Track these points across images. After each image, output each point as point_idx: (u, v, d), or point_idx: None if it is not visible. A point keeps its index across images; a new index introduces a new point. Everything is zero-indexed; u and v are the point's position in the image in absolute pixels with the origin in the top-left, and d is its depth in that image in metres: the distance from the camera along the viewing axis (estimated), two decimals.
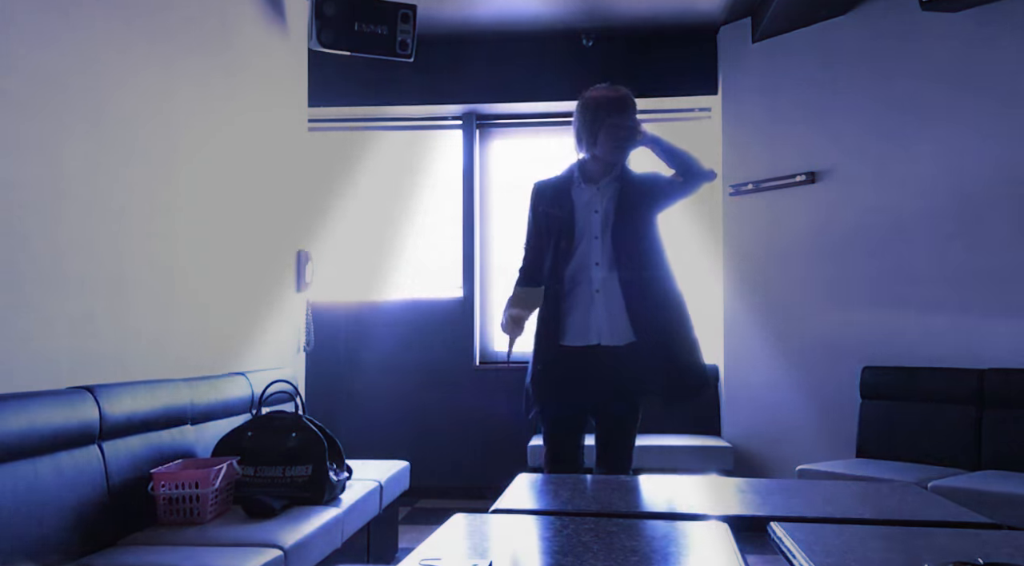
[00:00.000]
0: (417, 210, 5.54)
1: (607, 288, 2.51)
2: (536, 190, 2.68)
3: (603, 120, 2.53)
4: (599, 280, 2.52)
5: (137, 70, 2.77)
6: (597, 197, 2.57)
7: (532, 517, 1.57)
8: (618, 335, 2.51)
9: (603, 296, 2.51)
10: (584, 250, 2.54)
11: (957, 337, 4.04)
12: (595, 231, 2.55)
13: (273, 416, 2.91)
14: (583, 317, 2.52)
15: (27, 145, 2.24)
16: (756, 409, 4.81)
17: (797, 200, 4.68)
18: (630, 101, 2.57)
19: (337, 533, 2.70)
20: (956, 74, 4.12)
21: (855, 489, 1.91)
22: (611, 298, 2.51)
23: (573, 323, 2.53)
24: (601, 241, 2.53)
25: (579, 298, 2.53)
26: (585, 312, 2.52)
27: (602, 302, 2.51)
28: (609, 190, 2.57)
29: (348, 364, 5.27)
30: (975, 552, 1.25)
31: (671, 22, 5.04)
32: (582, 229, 2.55)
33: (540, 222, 2.62)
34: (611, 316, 2.50)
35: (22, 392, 2.09)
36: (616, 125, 2.52)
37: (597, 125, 2.53)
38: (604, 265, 2.52)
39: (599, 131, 2.53)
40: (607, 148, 2.54)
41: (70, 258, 2.40)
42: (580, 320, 2.52)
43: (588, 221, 2.56)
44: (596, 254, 2.53)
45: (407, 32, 4.13)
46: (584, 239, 2.55)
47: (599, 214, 2.56)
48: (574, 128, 2.62)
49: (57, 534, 2.07)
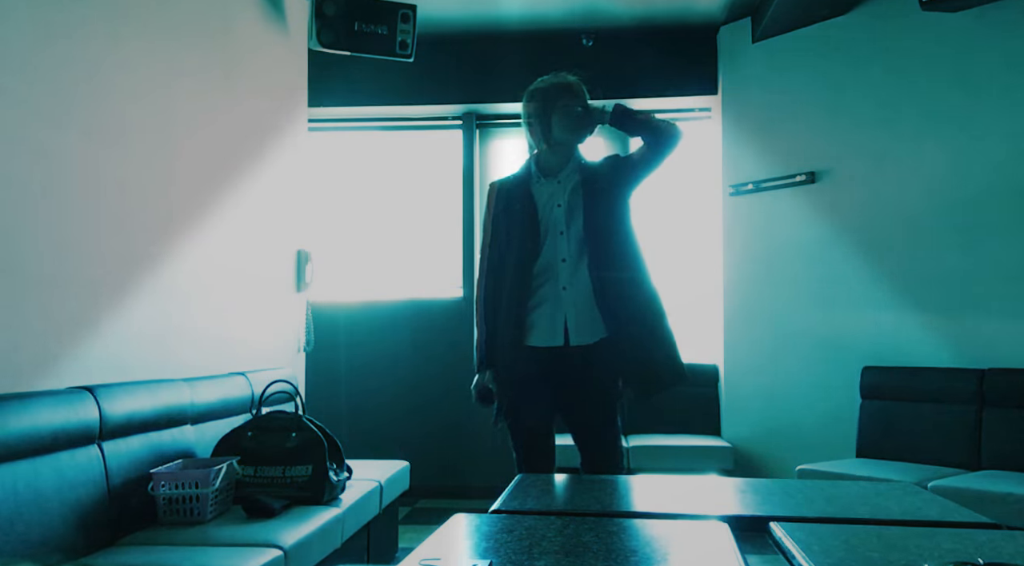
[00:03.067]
0: (417, 210, 5.55)
1: (575, 284, 2.41)
2: (494, 191, 2.57)
3: (554, 103, 2.47)
4: (566, 277, 2.42)
5: (137, 70, 2.77)
6: (558, 191, 2.48)
7: (532, 517, 1.56)
8: (587, 333, 2.40)
9: (571, 293, 2.41)
10: (549, 247, 2.43)
11: (957, 337, 4.04)
12: (559, 226, 2.45)
13: (273, 416, 2.90)
14: (550, 316, 2.41)
15: (27, 145, 2.24)
16: (756, 409, 4.81)
17: (797, 200, 4.68)
18: (578, 87, 2.51)
19: (337, 533, 2.70)
20: (956, 74, 4.12)
21: (855, 489, 1.91)
22: (579, 294, 2.40)
23: (539, 323, 2.42)
24: (567, 236, 2.43)
25: (545, 297, 2.42)
26: (552, 311, 2.41)
27: (570, 299, 2.41)
28: (570, 183, 2.48)
29: (348, 364, 5.26)
30: (975, 552, 1.25)
31: (671, 22, 5.04)
32: (546, 226, 2.45)
33: (500, 223, 2.51)
34: (579, 313, 2.40)
35: (22, 392, 2.09)
36: (568, 105, 2.46)
37: (549, 110, 2.47)
38: (571, 261, 2.42)
39: (552, 115, 2.47)
40: (563, 128, 2.46)
41: (70, 258, 2.40)
42: (546, 320, 2.41)
43: (551, 217, 2.45)
44: (562, 250, 2.43)
45: (407, 32, 4.13)
46: (549, 235, 2.44)
47: (562, 208, 2.46)
48: (524, 121, 2.55)
49: (57, 534, 2.07)
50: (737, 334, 4.93)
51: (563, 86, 2.50)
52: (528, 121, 2.53)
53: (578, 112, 2.45)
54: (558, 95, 2.49)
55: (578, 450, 2.49)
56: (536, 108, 2.51)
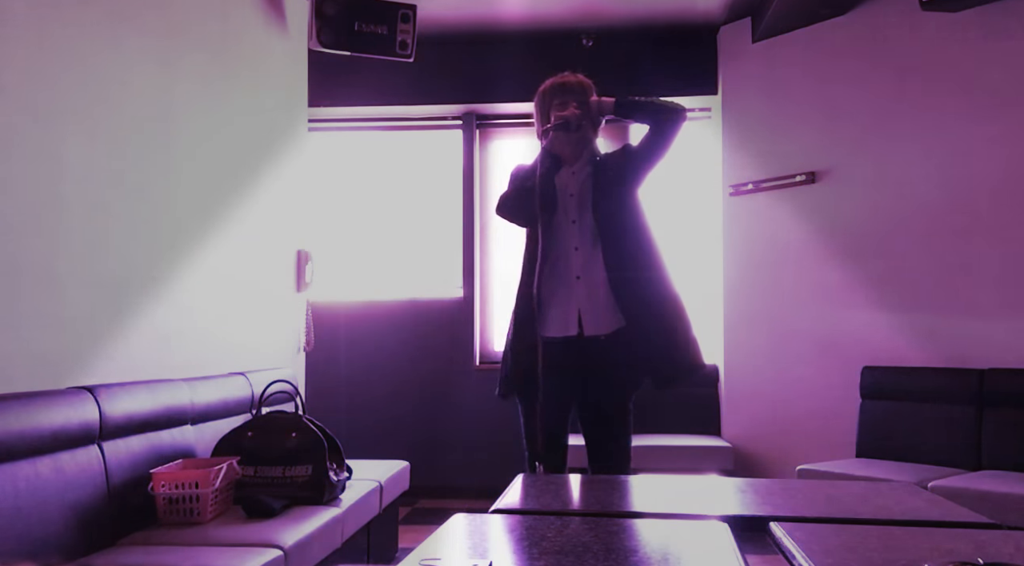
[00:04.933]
0: (417, 210, 5.55)
1: (588, 274, 2.40)
2: (513, 174, 2.58)
3: (551, 101, 2.51)
4: (579, 266, 2.41)
5: (137, 69, 2.77)
6: (572, 180, 2.49)
7: (532, 517, 1.56)
8: (602, 323, 2.39)
9: (584, 283, 2.40)
10: (562, 235, 2.44)
11: (957, 337, 4.04)
12: (571, 215, 2.45)
13: (273, 416, 2.90)
14: (563, 306, 2.40)
15: (26, 145, 2.24)
16: (756, 409, 4.81)
17: (797, 200, 4.68)
18: (576, 85, 2.51)
19: (337, 533, 2.70)
20: (956, 74, 4.12)
21: (855, 489, 1.91)
22: (593, 284, 2.40)
23: (553, 313, 2.41)
24: (579, 225, 2.44)
25: (558, 286, 2.42)
26: (565, 300, 2.40)
27: (583, 289, 2.40)
28: (582, 173, 2.50)
29: (348, 364, 5.26)
30: (975, 552, 1.25)
31: (671, 22, 5.04)
32: (559, 215, 2.45)
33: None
34: (594, 303, 2.39)
35: (22, 392, 2.09)
36: (563, 103, 2.46)
37: (547, 108, 2.52)
38: (584, 249, 2.41)
39: (550, 113, 2.50)
40: (550, 138, 2.46)
41: (70, 258, 2.40)
42: (560, 309, 2.40)
43: (564, 204, 2.46)
44: (574, 238, 2.43)
45: (407, 32, 4.13)
46: (562, 223, 2.45)
47: (574, 197, 2.47)
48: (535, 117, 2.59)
49: (57, 534, 2.07)
50: (737, 334, 4.93)
51: (559, 85, 2.53)
52: (536, 120, 2.58)
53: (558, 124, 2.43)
54: (554, 94, 2.52)
55: (587, 446, 2.47)
56: (537, 106, 2.56)
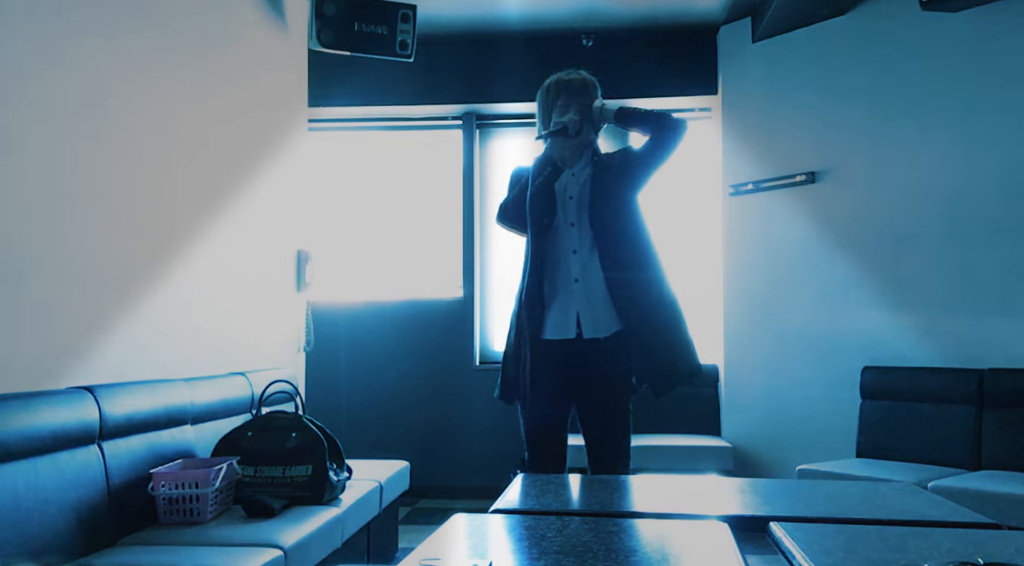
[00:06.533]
0: (417, 210, 5.55)
1: (587, 276, 2.40)
2: (514, 176, 2.57)
3: (553, 101, 2.49)
4: (578, 269, 2.41)
5: (137, 69, 2.77)
6: (572, 182, 2.48)
7: (532, 517, 1.56)
8: (601, 326, 2.38)
9: (583, 285, 2.39)
10: (561, 237, 2.43)
11: (957, 337, 4.04)
12: (570, 217, 2.44)
13: (273, 416, 2.90)
14: (562, 308, 2.40)
15: (27, 145, 2.24)
16: (756, 409, 4.81)
17: (797, 200, 4.68)
18: (580, 85, 2.49)
19: (337, 533, 2.70)
20: (956, 74, 4.12)
21: (855, 489, 1.91)
22: (592, 287, 2.39)
23: (551, 315, 2.40)
24: (578, 228, 2.43)
25: (557, 289, 2.41)
26: (564, 303, 2.40)
27: (582, 292, 2.39)
28: (583, 175, 2.47)
29: (348, 364, 5.26)
30: (975, 552, 1.25)
31: (671, 22, 5.04)
32: (559, 217, 2.44)
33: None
34: (592, 306, 2.38)
35: (22, 392, 2.09)
36: (566, 105, 2.45)
37: (549, 108, 2.50)
38: (583, 252, 2.41)
39: (552, 113, 2.49)
40: (549, 144, 2.46)
41: (70, 258, 2.40)
42: (559, 311, 2.40)
43: (563, 207, 2.45)
44: (573, 241, 2.42)
45: (407, 32, 4.13)
46: (561, 226, 2.44)
47: (573, 200, 2.45)
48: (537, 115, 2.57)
49: (57, 534, 2.07)
50: (737, 334, 4.93)
51: (563, 84, 2.51)
52: (538, 119, 2.56)
53: (556, 128, 2.42)
54: (558, 94, 2.50)
55: (586, 447, 2.46)
56: (539, 104, 2.54)
